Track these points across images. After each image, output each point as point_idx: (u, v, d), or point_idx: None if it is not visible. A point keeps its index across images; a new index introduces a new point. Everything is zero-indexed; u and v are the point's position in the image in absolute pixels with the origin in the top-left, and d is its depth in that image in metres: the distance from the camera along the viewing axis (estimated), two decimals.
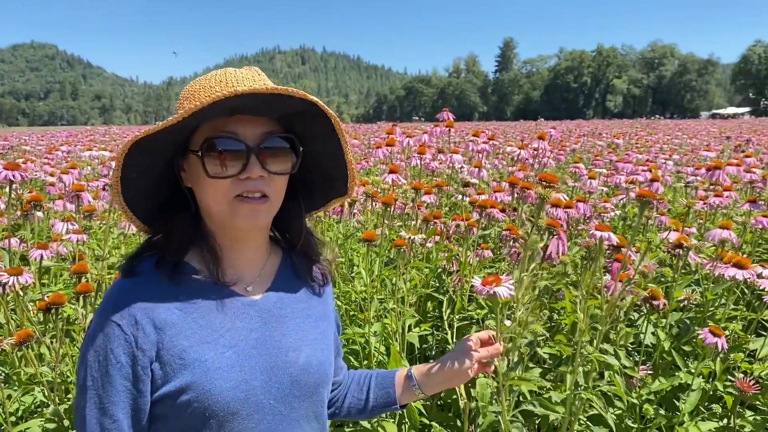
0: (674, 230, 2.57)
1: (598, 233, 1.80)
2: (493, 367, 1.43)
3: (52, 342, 1.82)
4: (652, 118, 32.11)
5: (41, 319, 1.99)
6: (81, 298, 1.93)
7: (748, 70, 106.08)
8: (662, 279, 2.51)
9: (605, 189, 4.40)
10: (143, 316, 1.02)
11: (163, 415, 1.04)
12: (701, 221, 3.68)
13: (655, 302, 2.12)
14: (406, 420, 2.24)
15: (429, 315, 2.86)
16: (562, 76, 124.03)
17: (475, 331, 1.47)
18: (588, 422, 2.21)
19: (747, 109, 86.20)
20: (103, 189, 3.36)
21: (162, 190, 1.14)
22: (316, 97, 1.09)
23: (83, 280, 2.07)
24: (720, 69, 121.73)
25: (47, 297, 1.86)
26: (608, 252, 2.58)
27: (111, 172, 1.07)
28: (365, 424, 2.25)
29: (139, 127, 30.24)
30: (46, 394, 1.80)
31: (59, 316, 1.86)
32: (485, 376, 2.18)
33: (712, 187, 3.67)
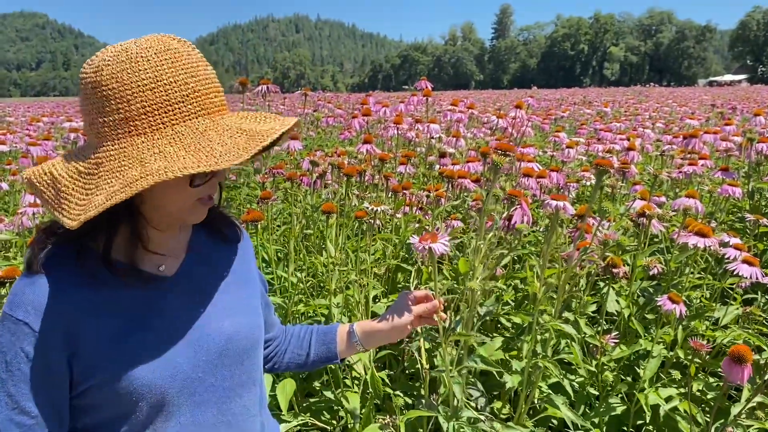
0: (641, 199, 2.56)
1: (553, 203, 1.79)
2: (439, 319, 1.45)
3: None
4: (648, 85, 31.91)
5: None
6: None
7: (746, 37, 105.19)
8: (628, 247, 2.51)
9: (585, 158, 4.38)
10: (53, 311, 0.98)
11: (92, 405, 1.04)
12: (678, 190, 3.68)
13: (615, 270, 2.12)
14: (370, 389, 2.25)
15: (400, 286, 2.86)
16: (559, 44, 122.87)
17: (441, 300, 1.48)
18: (549, 390, 2.23)
19: (744, 76, 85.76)
20: None
21: None
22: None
23: None
24: (718, 35, 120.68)
25: (1, 271, 1.85)
26: (576, 220, 2.58)
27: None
28: (329, 394, 2.27)
29: None
30: None
31: None
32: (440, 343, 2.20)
33: (689, 155, 3.66)
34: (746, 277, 2.13)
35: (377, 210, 2.32)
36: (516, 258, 2.78)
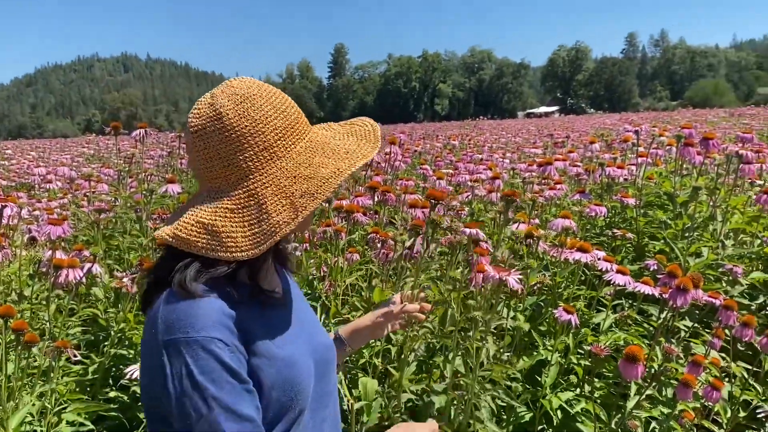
0: (522, 222, 2.81)
1: (467, 230, 1.94)
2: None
3: None
4: (477, 119, 34.38)
5: None
6: None
7: (554, 73, 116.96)
8: (517, 266, 2.74)
9: (449, 188, 4.68)
10: (233, 327, 1.05)
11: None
12: (536, 212, 4.05)
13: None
14: None
15: None
16: (393, 82, 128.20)
17: None
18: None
19: (556, 107, 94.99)
20: None
21: None
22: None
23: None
24: (531, 72, 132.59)
25: None
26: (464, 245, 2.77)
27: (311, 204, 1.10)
28: None
29: None
30: None
31: None
32: (372, 375, 2.26)
33: (544, 181, 4.05)
34: (622, 285, 2.43)
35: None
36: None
